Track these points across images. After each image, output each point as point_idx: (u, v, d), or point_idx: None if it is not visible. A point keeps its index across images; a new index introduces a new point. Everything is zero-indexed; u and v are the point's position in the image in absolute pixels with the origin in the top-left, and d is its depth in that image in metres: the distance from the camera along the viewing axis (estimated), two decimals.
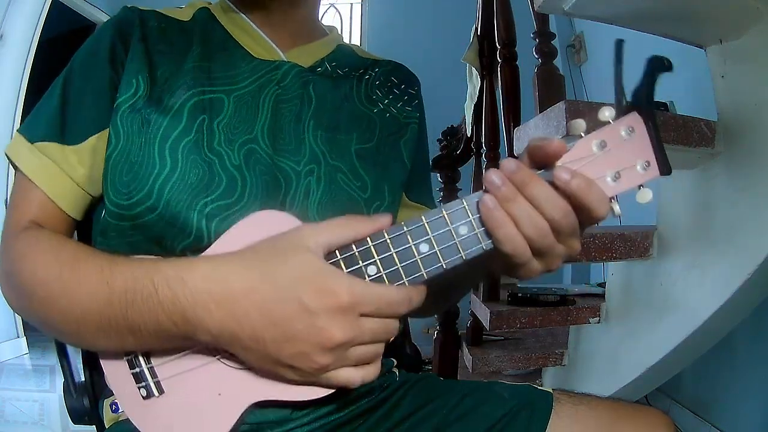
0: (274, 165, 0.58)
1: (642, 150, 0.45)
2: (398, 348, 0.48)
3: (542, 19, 1.41)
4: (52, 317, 0.49)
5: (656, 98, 0.45)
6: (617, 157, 0.45)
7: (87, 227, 0.62)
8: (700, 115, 1.04)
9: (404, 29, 3.55)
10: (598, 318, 1.36)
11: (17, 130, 0.59)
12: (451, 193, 2.08)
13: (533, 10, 1.37)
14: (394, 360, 0.71)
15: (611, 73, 0.45)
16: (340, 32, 0.75)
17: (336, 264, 0.45)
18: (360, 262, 0.45)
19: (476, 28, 1.85)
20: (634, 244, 1.19)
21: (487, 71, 1.79)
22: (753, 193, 0.98)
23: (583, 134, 0.45)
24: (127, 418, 0.51)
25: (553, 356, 1.50)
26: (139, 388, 0.50)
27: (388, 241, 0.45)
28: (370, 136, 0.65)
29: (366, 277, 0.45)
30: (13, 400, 2.21)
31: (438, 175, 2.09)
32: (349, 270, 0.45)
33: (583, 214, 0.44)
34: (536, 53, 1.41)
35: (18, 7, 2.69)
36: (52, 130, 0.56)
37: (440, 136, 2.11)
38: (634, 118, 0.45)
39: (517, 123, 1.41)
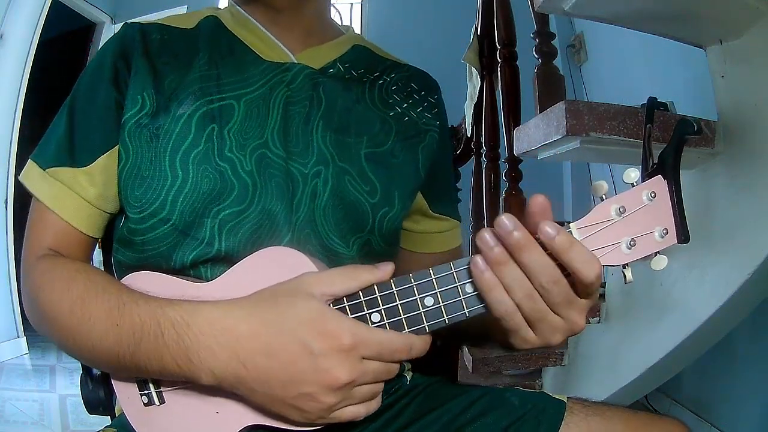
0: (285, 168, 0.57)
1: (662, 216, 0.45)
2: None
3: (542, 19, 1.41)
4: (68, 346, 0.52)
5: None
6: (635, 222, 0.44)
7: (109, 234, 0.63)
8: (700, 115, 1.03)
9: (404, 29, 3.55)
10: (598, 318, 1.36)
11: (30, 158, 0.60)
12: None
13: (533, 10, 1.37)
14: (406, 364, 0.70)
15: (611, 73, 0.45)
16: (356, 33, 0.73)
17: (342, 310, 0.46)
18: (365, 309, 0.46)
19: (476, 28, 1.85)
20: None
21: (487, 71, 1.79)
22: (753, 193, 0.98)
23: (604, 196, 0.44)
24: None
25: (553, 356, 1.49)
26: (141, 395, 0.51)
27: (395, 291, 0.46)
28: (384, 140, 0.64)
29: (369, 323, 0.46)
30: (13, 400, 2.21)
31: None
32: (354, 316, 0.46)
33: (575, 280, 0.43)
34: (536, 53, 1.41)
35: (18, 7, 2.69)
36: (62, 155, 0.58)
37: None
38: (658, 183, 0.45)
39: (517, 123, 1.41)
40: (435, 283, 0.45)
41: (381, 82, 0.68)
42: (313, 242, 0.57)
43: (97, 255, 0.67)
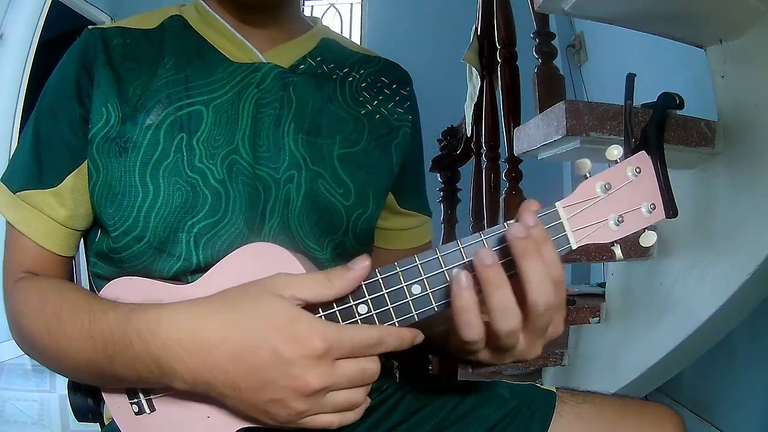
0: (254, 175, 0.56)
1: (648, 191, 0.44)
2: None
3: (542, 19, 1.41)
4: (54, 366, 0.52)
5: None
6: (622, 199, 0.44)
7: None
8: (700, 115, 1.04)
9: (404, 29, 3.56)
10: (598, 318, 1.36)
11: (0, 179, 0.59)
12: (451, 193, 2.08)
13: (533, 10, 1.37)
14: (395, 361, 0.70)
15: (611, 73, 0.45)
16: (324, 25, 0.70)
17: (327, 303, 0.45)
18: (351, 300, 0.45)
19: (476, 28, 1.85)
20: (634, 243, 1.19)
21: (487, 71, 1.79)
22: (753, 193, 0.98)
23: (588, 174, 0.44)
24: None
25: (553, 356, 1.50)
26: (131, 404, 0.50)
27: (380, 280, 0.44)
28: (357, 139, 0.62)
29: (356, 315, 0.45)
30: (13, 400, 2.21)
31: (438, 175, 2.09)
32: (340, 308, 0.45)
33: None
34: (536, 53, 1.41)
35: (18, 7, 2.69)
36: (30, 178, 0.57)
37: (440, 136, 2.11)
38: (642, 158, 0.44)
39: (517, 123, 1.41)
40: (421, 270, 0.44)
41: (351, 79, 0.66)
42: (288, 248, 0.56)
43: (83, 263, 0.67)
